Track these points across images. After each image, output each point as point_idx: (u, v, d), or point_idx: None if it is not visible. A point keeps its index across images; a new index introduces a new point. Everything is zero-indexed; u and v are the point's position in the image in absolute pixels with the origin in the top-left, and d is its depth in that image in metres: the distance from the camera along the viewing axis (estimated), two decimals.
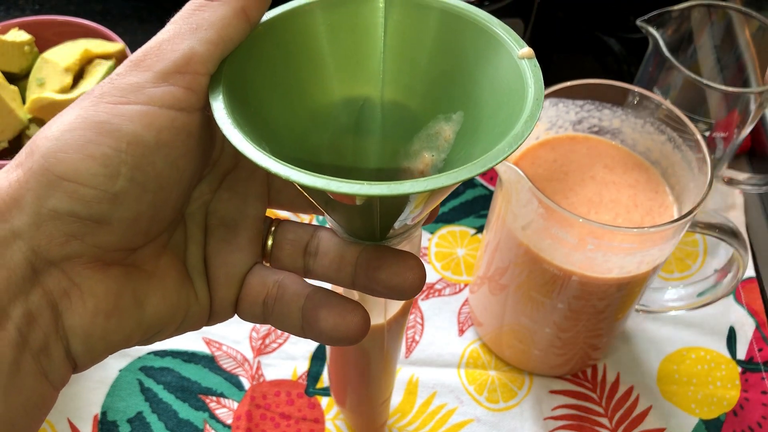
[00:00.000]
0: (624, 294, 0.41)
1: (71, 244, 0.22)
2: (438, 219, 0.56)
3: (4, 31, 0.54)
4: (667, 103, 0.40)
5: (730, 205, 0.57)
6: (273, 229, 0.28)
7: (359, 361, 0.36)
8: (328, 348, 0.38)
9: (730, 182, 0.55)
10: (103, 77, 0.52)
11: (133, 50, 0.55)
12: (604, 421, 0.47)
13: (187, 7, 0.23)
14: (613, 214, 0.40)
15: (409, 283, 0.24)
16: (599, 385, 0.48)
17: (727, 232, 0.40)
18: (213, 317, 0.27)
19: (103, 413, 0.46)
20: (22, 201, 0.21)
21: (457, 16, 0.25)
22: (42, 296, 0.22)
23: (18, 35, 0.53)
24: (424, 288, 0.52)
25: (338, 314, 0.25)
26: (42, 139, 0.22)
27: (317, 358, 0.48)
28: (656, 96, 0.41)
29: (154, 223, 0.23)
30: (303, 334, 0.26)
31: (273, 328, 0.49)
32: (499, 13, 0.53)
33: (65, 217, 0.21)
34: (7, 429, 0.21)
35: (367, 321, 0.25)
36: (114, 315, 0.23)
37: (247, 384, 0.47)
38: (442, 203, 0.57)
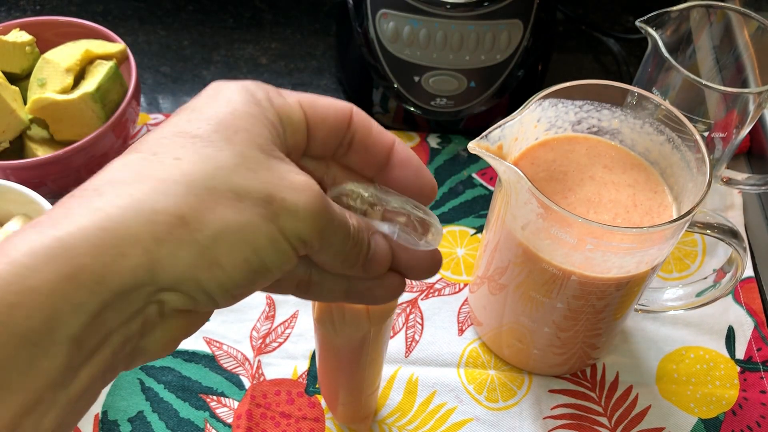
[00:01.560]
0: (623, 293, 0.41)
1: (186, 304, 0.23)
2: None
3: (6, 31, 0.54)
4: (666, 104, 0.40)
5: (729, 205, 0.57)
6: None
7: (348, 351, 0.37)
8: (316, 340, 0.39)
9: (729, 182, 0.55)
10: (104, 78, 0.52)
11: (133, 51, 0.56)
12: (603, 420, 0.47)
13: None
14: (612, 214, 0.40)
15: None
16: (598, 384, 0.48)
17: (726, 232, 0.40)
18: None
19: (104, 412, 0.46)
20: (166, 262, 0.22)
21: None
22: (140, 322, 0.23)
23: (19, 36, 0.53)
24: (424, 288, 0.52)
25: (389, 287, 0.29)
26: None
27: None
28: (655, 96, 0.41)
29: None
30: (345, 300, 0.29)
31: (273, 328, 0.50)
32: (499, 13, 0.54)
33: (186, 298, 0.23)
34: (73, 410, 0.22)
35: (403, 280, 0.30)
36: (171, 347, 0.24)
37: (247, 383, 0.47)
38: (441, 203, 0.57)
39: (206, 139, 0.23)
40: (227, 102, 0.24)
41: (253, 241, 0.23)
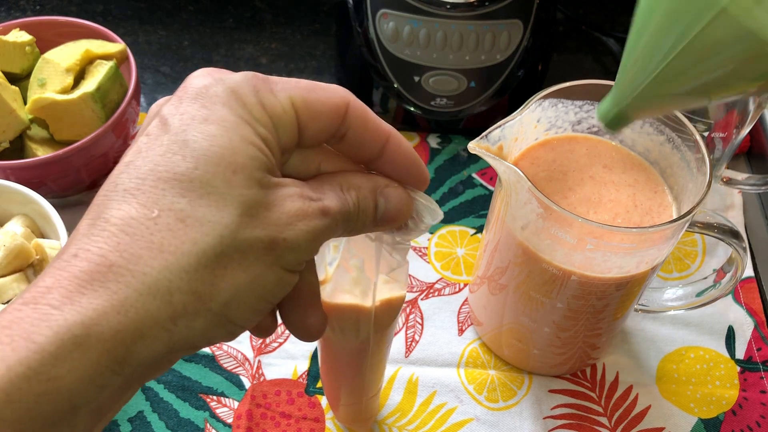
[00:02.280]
0: (623, 293, 0.41)
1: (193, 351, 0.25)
2: None
3: (6, 31, 0.54)
4: None
5: (729, 205, 0.57)
6: None
7: (349, 356, 0.37)
8: (318, 342, 0.39)
9: (729, 182, 0.55)
10: (104, 78, 0.52)
11: (133, 51, 0.56)
12: (603, 420, 0.47)
13: None
14: (612, 214, 0.40)
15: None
16: (598, 384, 0.48)
17: (726, 232, 0.41)
18: None
19: None
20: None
21: None
22: None
23: (19, 36, 0.53)
24: (424, 288, 0.52)
25: (305, 316, 0.28)
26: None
27: (317, 357, 0.49)
28: None
29: None
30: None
31: None
32: (499, 13, 0.54)
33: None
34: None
35: (323, 324, 0.29)
36: None
37: (247, 383, 0.47)
38: (441, 203, 0.57)
39: (206, 186, 0.23)
40: (220, 125, 0.23)
41: (261, 290, 0.24)
